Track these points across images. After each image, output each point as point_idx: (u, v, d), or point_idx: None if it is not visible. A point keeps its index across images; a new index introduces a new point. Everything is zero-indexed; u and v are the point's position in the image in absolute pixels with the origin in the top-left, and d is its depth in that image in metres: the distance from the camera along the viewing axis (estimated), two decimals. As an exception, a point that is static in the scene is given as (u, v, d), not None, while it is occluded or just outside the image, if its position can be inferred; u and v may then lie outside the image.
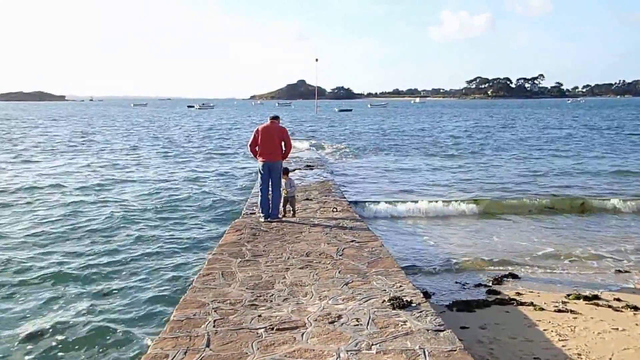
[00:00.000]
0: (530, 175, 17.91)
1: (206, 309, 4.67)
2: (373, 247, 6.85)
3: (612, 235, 10.41)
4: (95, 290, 7.18)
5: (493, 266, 8.33)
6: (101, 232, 10.15)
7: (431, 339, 4.01)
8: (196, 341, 4.02)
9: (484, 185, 16.06)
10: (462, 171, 19.28)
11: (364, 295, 5.02)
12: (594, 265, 8.47)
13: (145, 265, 8.14)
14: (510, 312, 6.26)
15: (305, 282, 5.44)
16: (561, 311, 6.22)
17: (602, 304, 6.49)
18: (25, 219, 11.11)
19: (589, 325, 5.77)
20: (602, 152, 25.54)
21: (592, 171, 18.89)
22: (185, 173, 18.66)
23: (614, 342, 5.32)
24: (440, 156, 24.15)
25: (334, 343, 3.97)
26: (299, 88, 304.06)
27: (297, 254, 6.50)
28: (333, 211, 9.33)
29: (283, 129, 8.55)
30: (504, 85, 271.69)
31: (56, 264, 8.15)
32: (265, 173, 8.43)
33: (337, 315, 4.50)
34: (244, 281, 5.47)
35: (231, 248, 6.83)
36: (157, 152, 25.99)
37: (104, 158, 23.27)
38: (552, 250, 9.25)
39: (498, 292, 6.99)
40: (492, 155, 24.51)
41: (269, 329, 4.24)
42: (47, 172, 18.66)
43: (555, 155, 23.95)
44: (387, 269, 5.86)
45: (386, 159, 23.17)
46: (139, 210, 12.22)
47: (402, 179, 17.47)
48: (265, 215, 8.47)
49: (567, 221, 11.65)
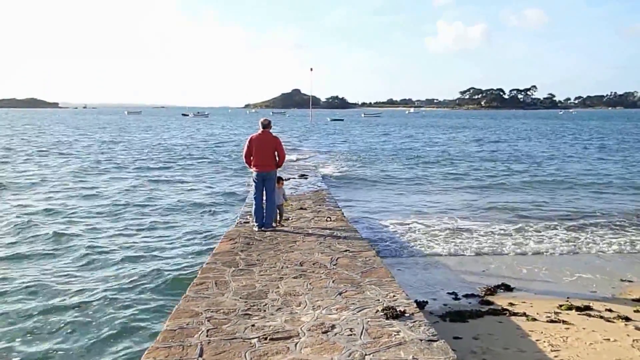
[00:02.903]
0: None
1: (199, 319, 4.65)
2: (367, 256, 6.86)
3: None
4: (85, 295, 7.12)
5: (486, 276, 8.36)
6: (88, 239, 10.08)
7: (424, 349, 4.01)
8: (189, 351, 4.00)
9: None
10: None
11: (358, 305, 5.02)
12: (586, 276, 8.52)
13: (137, 275, 8.08)
14: (503, 323, 6.28)
15: (298, 291, 5.44)
16: (553, 321, 6.25)
17: (594, 315, 6.53)
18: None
19: (581, 336, 5.81)
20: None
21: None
22: (179, 180, 18.61)
23: (606, 353, 5.35)
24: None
25: (328, 353, 3.96)
26: (293, 97, 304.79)
27: (291, 264, 6.50)
28: (327, 220, 9.34)
29: (276, 139, 8.57)
30: (497, 96, 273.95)
31: (43, 275, 8.07)
32: (259, 182, 8.44)
33: (331, 325, 4.49)
34: (237, 290, 5.46)
35: (225, 257, 6.81)
36: (153, 159, 25.95)
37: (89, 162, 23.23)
38: (545, 260, 9.31)
39: (491, 303, 7.02)
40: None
41: (262, 338, 4.23)
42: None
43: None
44: (380, 279, 5.87)
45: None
46: (130, 219, 12.15)
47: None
48: (259, 225, 8.47)
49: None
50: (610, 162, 26.54)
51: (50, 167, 22.55)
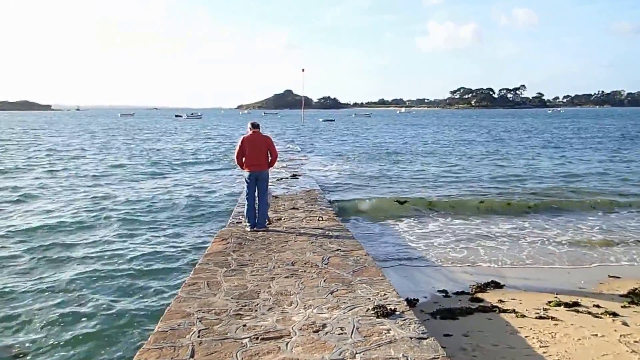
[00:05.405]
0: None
1: (191, 319, 4.65)
2: (358, 255, 6.90)
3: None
4: (77, 298, 7.08)
5: (477, 273, 8.44)
6: (83, 239, 10.02)
7: (414, 347, 4.06)
8: (180, 352, 4.01)
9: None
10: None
11: (349, 304, 5.05)
12: (575, 272, 8.64)
13: (129, 275, 8.04)
14: (492, 319, 6.35)
15: (290, 291, 5.46)
16: (542, 318, 6.33)
17: (582, 311, 6.62)
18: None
19: (569, 332, 5.88)
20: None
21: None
22: (171, 182, 18.53)
23: (594, 349, 5.43)
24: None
25: (318, 352, 3.99)
26: (286, 98, 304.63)
27: (283, 263, 6.52)
28: (319, 220, 9.37)
29: (268, 138, 8.59)
30: (487, 95, 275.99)
31: (42, 278, 8.02)
32: (252, 182, 8.45)
33: (322, 324, 4.52)
34: (229, 291, 5.47)
35: (217, 257, 6.82)
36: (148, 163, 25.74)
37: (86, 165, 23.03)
38: (535, 256, 9.42)
39: (481, 300, 7.08)
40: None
41: (254, 338, 4.25)
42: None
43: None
44: (371, 278, 5.91)
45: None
46: (124, 219, 12.09)
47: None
48: (252, 225, 8.47)
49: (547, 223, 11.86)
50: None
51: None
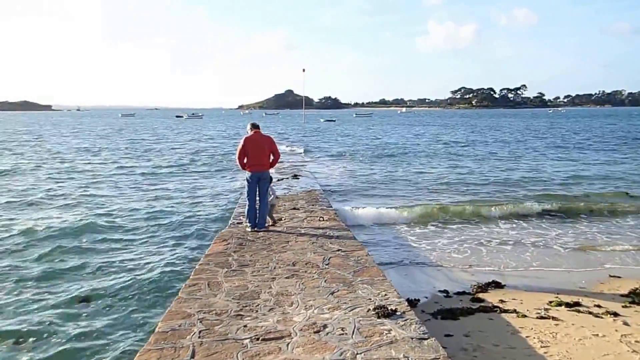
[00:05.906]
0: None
1: (192, 320, 4.66)
2: (359, 256, 6.90)
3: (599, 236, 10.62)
4: (76, 296, 7.09)
5: (477, 273, 8.43)
6: (85, 241, 10.03)
7: (415, 348, 4.06)
8: (181, 352, 4.01)
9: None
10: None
11: (350, 304, 5.05)
12: (576, 272, 8.63)
13: (130, 276, 8.05)
14: (493, 320, 6.34)
15: (291, 291, 5.46)
16: (543, 318, 6.33)
17: (583, 311, 6.62)
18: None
19: (570, 332, 5.88)
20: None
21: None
22: (172, 186, 18.54)
23: (594, 348, 5.43)
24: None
25: (319, 353, 3.99)
26: (286, 98, 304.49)
27: (284, 264, 6.52)
28: (320, 220, 9.37)
29: (270, 138, 8.59)
30: (488, 95, 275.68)
31: (42, 268, 8.04)
32: (254, 182, 8.45)
33: (323, 325, 4.52)
34: (230, 291, 5.47)
35: (218, 258, 6.82)
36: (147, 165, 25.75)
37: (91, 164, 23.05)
38: (536, 257, 9.41)
39: (482, 300, 7.07)
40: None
41: (255, 339, 4.25)
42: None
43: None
44: (372, 278, 5.91)
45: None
46: (122, 220, 12.10)
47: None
48: (252, 225, 8.48)
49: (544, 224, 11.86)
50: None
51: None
